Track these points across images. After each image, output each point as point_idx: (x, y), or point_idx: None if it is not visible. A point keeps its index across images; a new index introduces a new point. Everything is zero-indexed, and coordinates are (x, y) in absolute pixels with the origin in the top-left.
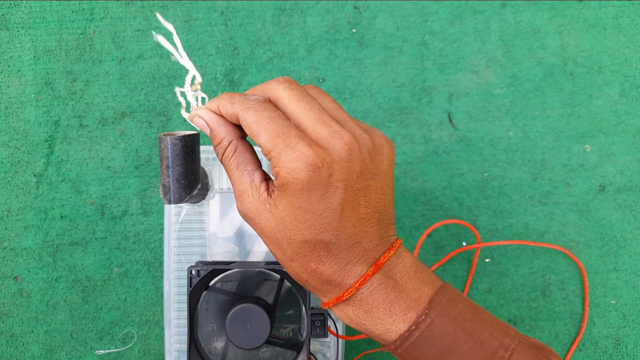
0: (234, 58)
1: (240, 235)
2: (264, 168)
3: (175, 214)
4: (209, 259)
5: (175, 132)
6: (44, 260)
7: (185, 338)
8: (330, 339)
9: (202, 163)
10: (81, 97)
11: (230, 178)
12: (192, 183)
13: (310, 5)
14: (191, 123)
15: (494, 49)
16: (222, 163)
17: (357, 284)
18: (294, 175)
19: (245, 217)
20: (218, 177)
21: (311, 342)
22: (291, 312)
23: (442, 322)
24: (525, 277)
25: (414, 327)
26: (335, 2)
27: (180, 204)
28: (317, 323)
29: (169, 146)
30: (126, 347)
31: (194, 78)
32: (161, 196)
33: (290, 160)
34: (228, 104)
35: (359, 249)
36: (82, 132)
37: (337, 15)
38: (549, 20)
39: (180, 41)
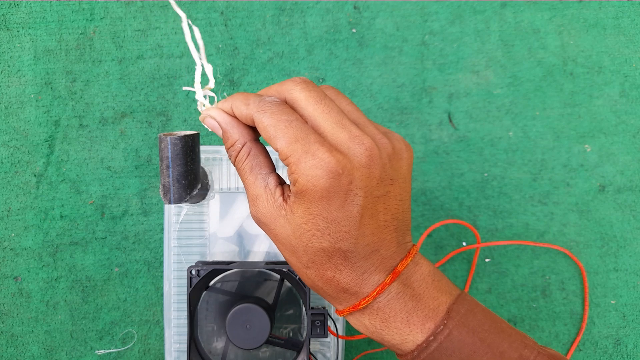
0: (234, 58)
1: (240, 235)
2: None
3: (175, 214)
4: (209, 259)
5: (175, 132)
6: (44, 260)
7: (185, 338)
8: (330, 339)
9: (202, 163)
10: (81, 97)
11: (243, 182)
12: (192, 183)
13: (310, 5)
14: (202, 123)
15: (494, 49)
16: (235, 166)
17: (375, 293)
18: (313, 183)
19: (258, 222)
20: (218, 177)
21: (311, 342)
22: (291, 312)
23: (461, 332)
24: (525, 277)
25: (432, 337)
26: (335, 2)
27: (180, 204)
28: (317, 323)
29: (169, 146)
30: (126, 347)
31: (207, 78)
32: (161, 196)
33: (310, 167)
34: (242, 105)
35: (377, 257)
36: (82, 132)
37: (337, 15)
38: (549, 20)
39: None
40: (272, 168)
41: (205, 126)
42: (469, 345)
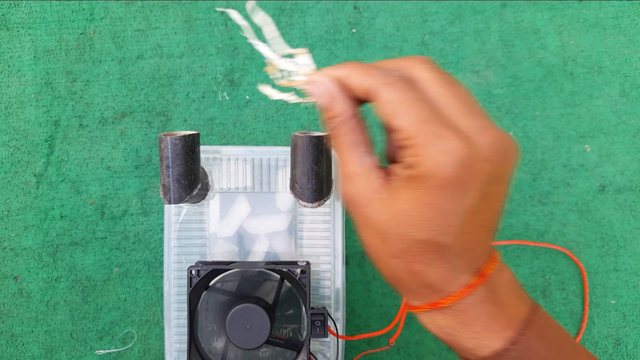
0: (234, 58)
1: (240, 235)
2: None
3: (175, 214)
4: (209, 259)
5: (175, 132)
6: (44, 260)
7: (185, 338)
8: (330, 339)
9: (202, 163)
10: (81, 97)
11: (340, 157)
12: (192, 183)
13: (310, 5)
14: (303, 88)
15: (494, 49)
16: (332, 138)
17: (462, 294)
18: (438, 169)
19: (350, 202)
20: (218, 177)
21: (311, 342)
22: (291, 312)
23: (537, 344)
24: (525, 277)
25: (510, 346)
26: (335, 2)
27: (180, 204)
28: (317, 323)
29: (169, 146)
30: (126, 347)
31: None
32: (161, 196)
33: (439, 152)
34: (363, 75)
35: (469, 257)
36: (82, 132)
37: (337, 15)
38: (549, 20)
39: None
40: (372, 147)
41: (304, 90)
42: (544, 359)
